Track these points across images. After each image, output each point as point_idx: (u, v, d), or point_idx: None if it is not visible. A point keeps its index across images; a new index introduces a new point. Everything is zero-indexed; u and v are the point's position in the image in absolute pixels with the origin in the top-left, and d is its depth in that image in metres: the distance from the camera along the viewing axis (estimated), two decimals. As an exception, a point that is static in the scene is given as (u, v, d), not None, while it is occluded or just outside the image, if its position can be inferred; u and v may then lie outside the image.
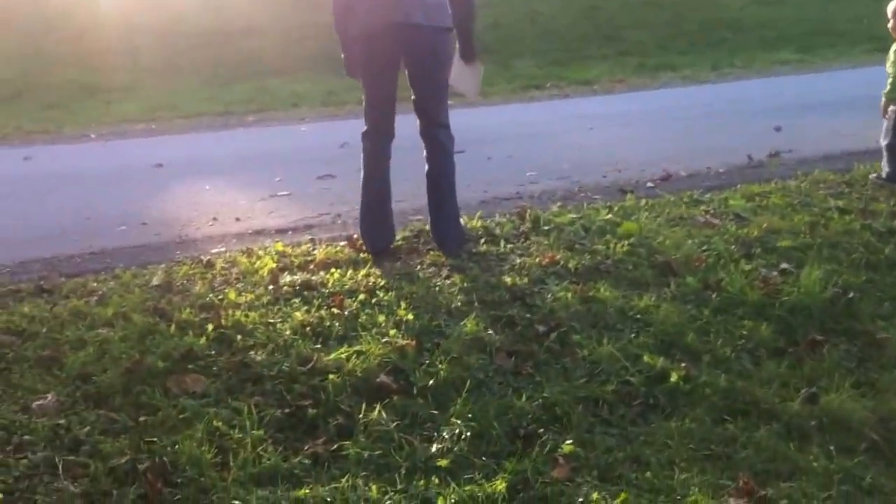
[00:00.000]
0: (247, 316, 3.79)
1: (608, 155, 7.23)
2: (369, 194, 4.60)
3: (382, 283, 4.15)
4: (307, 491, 2.69)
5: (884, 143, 5.67)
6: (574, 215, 5.01)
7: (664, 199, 5.43)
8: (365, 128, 4.55)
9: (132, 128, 9.97)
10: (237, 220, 5.84)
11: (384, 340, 3.56)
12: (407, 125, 4.57)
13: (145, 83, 12.07)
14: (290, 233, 5.46)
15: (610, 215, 4.96)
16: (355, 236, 4.81)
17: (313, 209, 5.99)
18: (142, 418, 3.04)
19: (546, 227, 4.80)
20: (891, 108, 5.60)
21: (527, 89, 12.02)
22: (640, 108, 9.82)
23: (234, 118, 10.56)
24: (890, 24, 5.54)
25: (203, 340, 3.56)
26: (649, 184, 6.14)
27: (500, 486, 2.70)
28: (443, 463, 2.84)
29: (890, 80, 5.56)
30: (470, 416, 3.05)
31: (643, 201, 5.35)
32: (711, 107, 9.53)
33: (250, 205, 6.23)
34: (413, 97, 4.48)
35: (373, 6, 4.26)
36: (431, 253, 4.56)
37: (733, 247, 4.56)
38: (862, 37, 13.88)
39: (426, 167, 4.57)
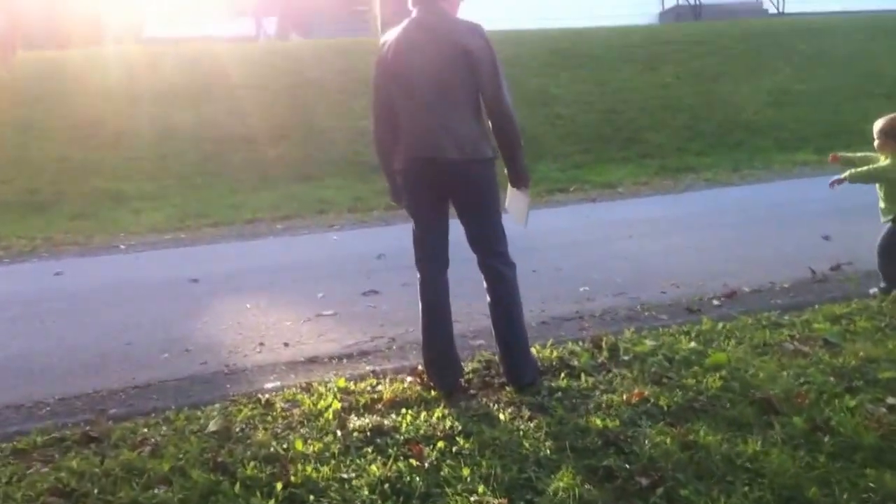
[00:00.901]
0: (317, 471, 3.46)
1: (659, 267, 6.96)
2: (430, 327, 4.33)
3: (460, 426, 3.82)
4: None
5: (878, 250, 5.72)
6: (653, 342, 4.69)
7: (741, 321, 5.11)
8: (416, 259, 4.40)
9: (161, 238, 9.76)
10: (286, 345, 5.53)
11: (473, 499, 3.21)
12: (456, 231, 4.33)
13: (173, 190, 11.92)
14: (344, 360, 5.16)
15: (693, 343, 4.63)
16: (420, 368, 4.50)
17: (364, 331, 5.70)
18: None
19: (626, 358, 4.47)
20: (887, 224, 5.70)
21: (552, 192, 11.89)
22: (674, 213, 9.59)
23: (263, 225, 10.37)
24: (876, 143, 5.64)
25: (272, 502, 3.22)
26: (715, 302, 5.83)
27: None
28: None
29: (865, 168, 5.64)
30: None
31: (720, 325, 5.03)
32: (748, 213, 9.27)
33: (296, 326, 5.94)
34: (465, 231, 4.34)
35: (410, 141, 4.18)
36: (507, 389, 4.23)
37: (832, 379, 4.23)
38: (879, 137, 13.75)
39: (488, 299, 4.34)
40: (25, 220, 10.67)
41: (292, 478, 3.37)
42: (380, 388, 4.39)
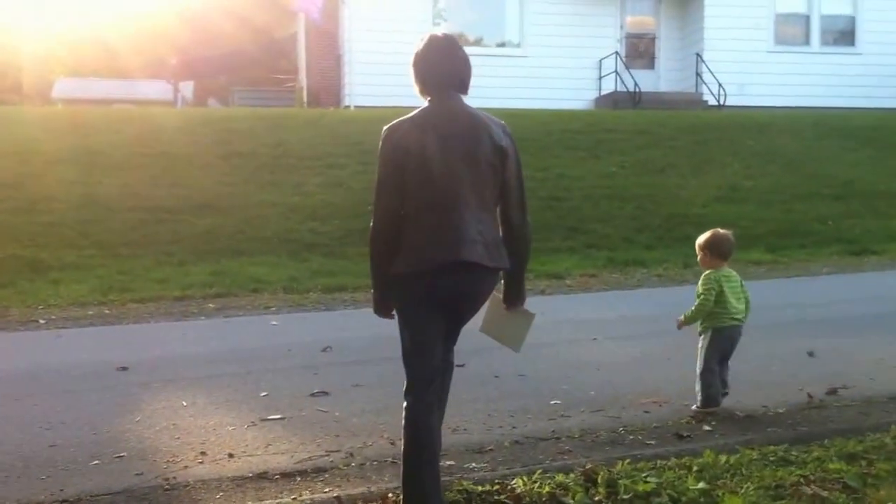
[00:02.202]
0: None
1: (633, 378, 6.60)
2: (419, 465, 3.75)
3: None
4: None
5: (698, 370, 5.72)
6: (655, 479, 4.31)
7: (745, 455, 4.75)
8: (407, 382, 3.83)
9: (84, 313, 9.20)
10: (230, 455, 5.04)
11: None
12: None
13: (96, 260, 11.35)
14: (298, 479, 4.69)
15: (700, 483, 4.26)
16: (390, 496, 4.08)
17: (317, 442, 5.24)
18: None
19: (626, 497, 4.11)
20: (701, 336, 5.75)
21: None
22: (634, 312, 9.37)
23: (194, 304, 9.89)
24: (699, 257, 5.83)
25: None
26: (706, 427, 5.50)
27: None
28: None
29: (696, 303, 5.71)
30: None
31: (723, 459, 4.68)
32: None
33: (240, 432, 5.46)
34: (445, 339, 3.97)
35: (431, 242, 3.70)
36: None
37: (860, 531, 3.93)
38: (830, 238, 13.91)
39: None
40: (-67, 286, 9.99)
41: None
42: (347, 519, 3.96)
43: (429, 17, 22.81)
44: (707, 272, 5.74)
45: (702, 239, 5.82)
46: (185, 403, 6.03)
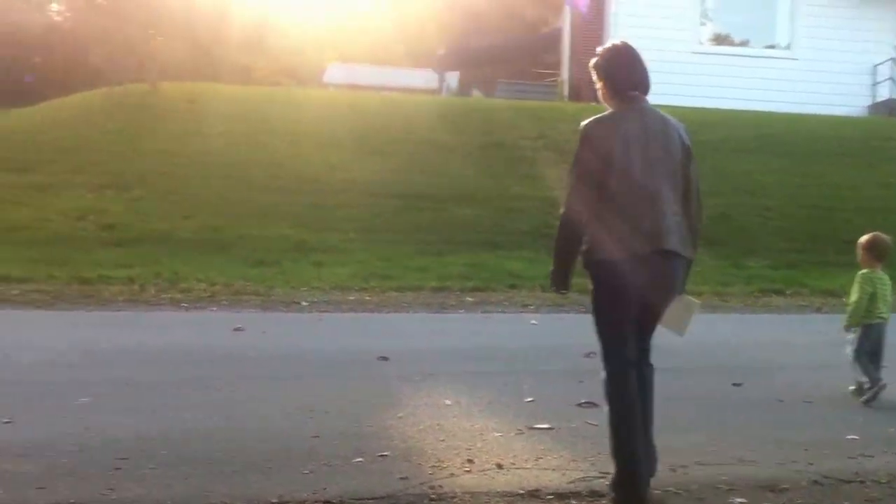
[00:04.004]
0: None
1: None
2: (637, 448, 4.03)
3: None
4: None
5: (851, 356, 6.14)
6: None
7: None
8: (608, 371, 4.09)
9: (345, 298, 9.14)
10: (499, 466, 4.60)
11: None
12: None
13: (357, 245, 11.36)
14: (573, 501, 4.19)
15: None
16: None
17: (590, 460, 4.70)
18: None
19: None
20: (849, 333, 6.23)
21: (765, 293, 10.77)
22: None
23: (452, 297, 9.63)
24: (859, 256, 6.36)
25: None
26: None
27: None
28: None
29: (850, 308, 6.22)
30: None
31: None
32: None
33: (507, 440, 5.02)
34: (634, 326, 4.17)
35: (635, 232, 3.96)
36: None
37: None
38: None
39: None
40: (205, 259, 10.30)
41: None
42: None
43: (695, 15, 21.82)
44: (862, 272, 6.22)
45: (863, 239, 6.32)
46: (448, 402, 5.68)
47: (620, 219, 3.95)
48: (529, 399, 5.83)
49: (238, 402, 5.45)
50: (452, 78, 31.72)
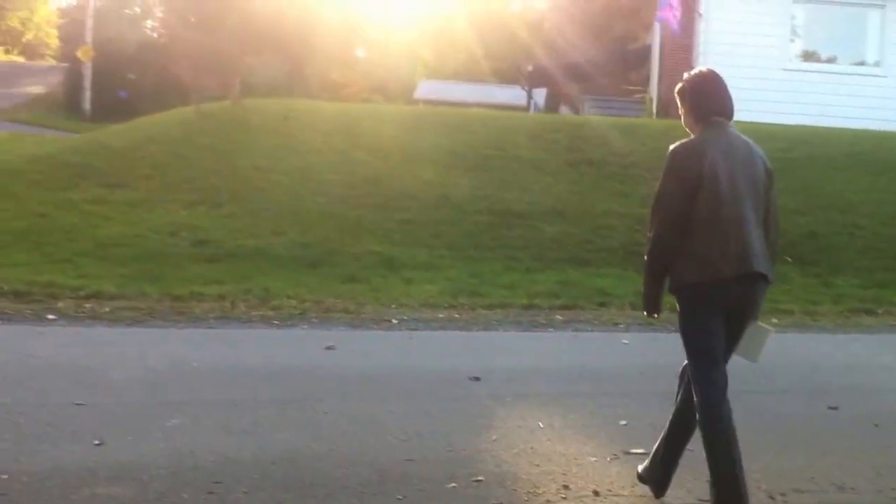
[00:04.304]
0: None
1: None
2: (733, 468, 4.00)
3: None
4: None
5: None
6: None
7: None
8: (701, 394, 4.09)
9: (434, 315, 9.10)
10: (595, 494, 4.50)
11: None
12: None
13: (446, 261, 11.32)
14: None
15: None
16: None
17: (687, 488, 4.55)
18: None
19: None
20: None
21: (855, 313, 10.42)
22: None
23: (542, 314, 9.51)
24: None
25: None
26: None
27: None
28: None
29: None
30: None
31: None
32: None
33: (603, 465, 4.91)
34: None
35: (725, 255, 4.03)
36: None
37: None
38: None
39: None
40: (296, 276, 10.36)
41: None
42: None
43: (785, 32, 21.40)
44: None
45: None
46: (541, 424, 5.59)
47: (708, 242, 4.03)
48: (623, 422, 5.70)
49: (330, 424, 5.44)
50: (540, 94, 31.65)
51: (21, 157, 14.32)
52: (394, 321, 8.67)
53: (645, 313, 4.35)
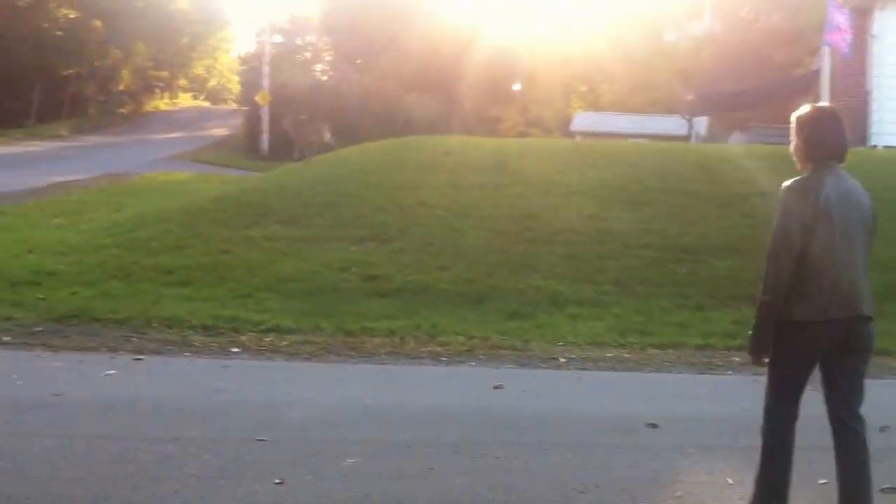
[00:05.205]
0: None
1: None
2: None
3: None
4: None
5: None
6: None
7: None
8: (769, 426, 4.43)
9: (602, 355, 8.81)
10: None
11: None
12: None
13: (612, 297, 10.98)
14: None
15: None
16: None
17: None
18: None
19: None
20: None
21: None
22: None
23: (717, 356, 9.07)
24: None
25: None
26: None
27: None
28: None
29: None
30: None
31: None
32: None
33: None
34: (827, 391, 4.38)
35: (836, 296, 4.10)
36: None
37: None
38: None
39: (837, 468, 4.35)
40: (460, 312, 10.26)
41: None
42: None
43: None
44: None
45: None
46: (730, 481, 5.24)
47: (818, 282, 4.09)
48: (823, 481, 5.27)
49: (505, 470, 5.26)
50: (701, 124, 30.87)
51: (206, 197, 14.92)
52: (561, 360, 8.44)
53: (751, 358, 4.40)
